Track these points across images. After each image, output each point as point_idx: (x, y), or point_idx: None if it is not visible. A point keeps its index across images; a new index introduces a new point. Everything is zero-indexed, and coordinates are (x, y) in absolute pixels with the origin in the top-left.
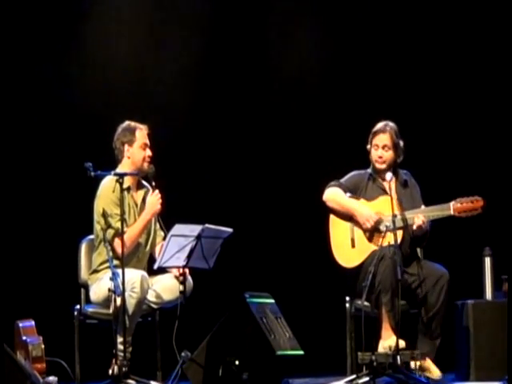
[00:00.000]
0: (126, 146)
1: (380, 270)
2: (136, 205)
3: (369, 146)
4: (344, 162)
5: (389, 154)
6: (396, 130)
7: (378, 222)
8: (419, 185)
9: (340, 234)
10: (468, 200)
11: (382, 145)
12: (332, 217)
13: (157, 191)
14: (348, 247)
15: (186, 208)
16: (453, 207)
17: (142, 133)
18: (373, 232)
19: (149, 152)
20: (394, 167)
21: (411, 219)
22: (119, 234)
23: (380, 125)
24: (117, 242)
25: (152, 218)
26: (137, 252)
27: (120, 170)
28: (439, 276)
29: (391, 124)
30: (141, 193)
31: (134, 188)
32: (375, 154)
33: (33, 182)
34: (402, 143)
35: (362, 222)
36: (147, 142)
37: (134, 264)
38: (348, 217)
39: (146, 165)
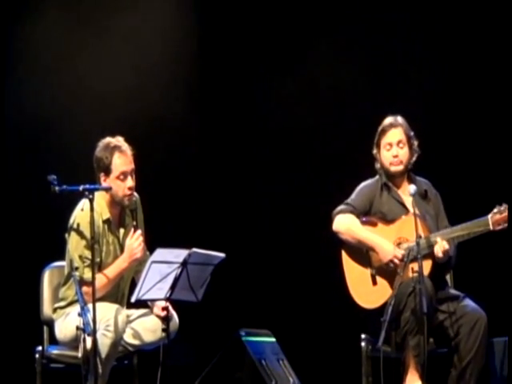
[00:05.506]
0: (102, 176)
1: (408, 307)
2: (119, 242)
3: (375, 151)
4: (346, 177)
5: (405, 152)
6: (407, 124)
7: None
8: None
9: (357, 269)
10: (502, 209)
11: (396, 141)
12: (344, 249)
13: (138, 233)
14: (368, 285)
15: (170, 229)
16: (491, 220)
17: (121, 159)
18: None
19: (130, 183)
20: (408, 171)
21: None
22: (87, 282)
23: (388, 120)
24: (84, 290)
25: (129, 266)
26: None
27: (97, 200)
28: (476, 319)
29: (400, 118)
30: (123, 230)
31: (115, 222)
32: (388, 154)
33: None
34: (415, 139)
35: (385, 261)
36: (127, 169)
37: (111, 292)
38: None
39: (126, 199)
